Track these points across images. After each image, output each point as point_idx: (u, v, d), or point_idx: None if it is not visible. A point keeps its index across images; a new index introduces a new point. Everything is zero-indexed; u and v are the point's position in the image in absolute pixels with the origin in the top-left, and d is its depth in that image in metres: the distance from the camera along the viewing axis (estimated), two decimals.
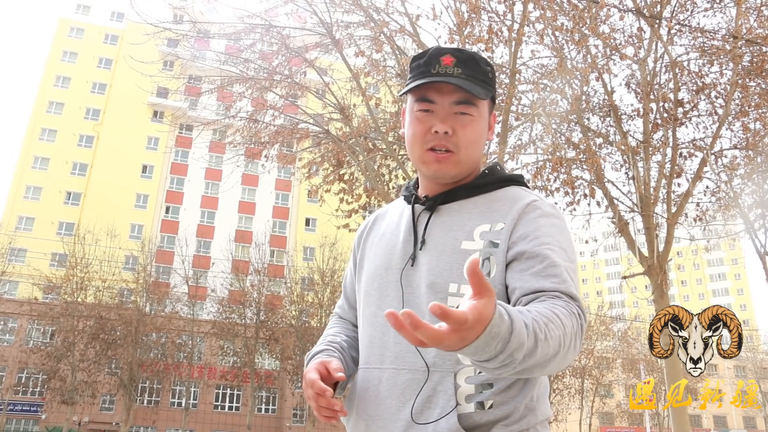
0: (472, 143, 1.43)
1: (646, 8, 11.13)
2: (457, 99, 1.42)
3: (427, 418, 1.30)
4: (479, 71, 1.43)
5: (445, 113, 1.42)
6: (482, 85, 1.42)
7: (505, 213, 1.40)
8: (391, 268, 1.46)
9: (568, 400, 38.40)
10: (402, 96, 1.49)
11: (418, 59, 1.44)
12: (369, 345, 1.45)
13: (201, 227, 51.49)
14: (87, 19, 55.30)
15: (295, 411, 41.75)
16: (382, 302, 1.44)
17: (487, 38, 10.34)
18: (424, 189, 1.52)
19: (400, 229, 1.50)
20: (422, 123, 1.43)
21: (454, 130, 1.41)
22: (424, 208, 1.48)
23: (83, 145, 51.12)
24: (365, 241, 1.60)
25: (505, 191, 1.46)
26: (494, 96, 1.49)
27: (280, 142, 12.80)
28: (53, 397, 31.31)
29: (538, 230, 1.35)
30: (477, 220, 1.42)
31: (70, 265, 33.59)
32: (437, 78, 1.39)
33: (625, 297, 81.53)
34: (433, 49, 1.43)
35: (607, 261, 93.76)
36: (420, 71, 1.42)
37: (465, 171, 1.46)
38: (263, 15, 12.16)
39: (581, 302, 1.29)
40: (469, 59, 1.42)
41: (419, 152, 1.44)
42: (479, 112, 1.44)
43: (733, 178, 12.71)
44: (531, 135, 12.08)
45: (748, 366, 49.46)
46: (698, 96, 11.80)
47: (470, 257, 1.36)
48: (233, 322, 34.20)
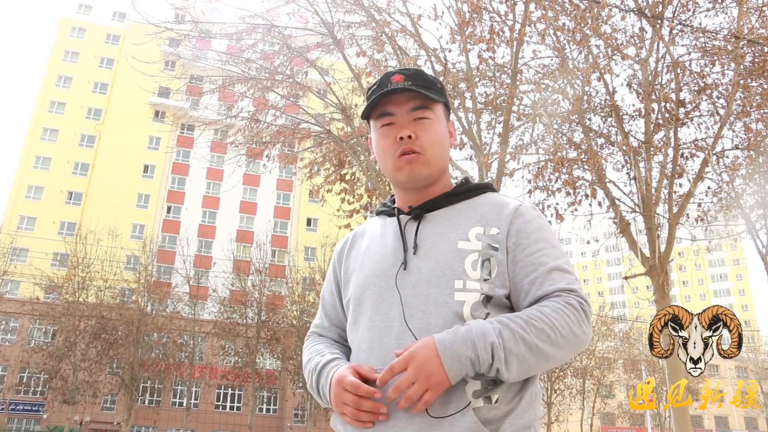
0: (435, 144, 1.55)
1: (648, 8, 11.12)
2: (412, 106, 1.55)
3: (439, 412, 1.35)
4: (427, 81, 1.57)
5: (405, 121, 1.54)
6: (432, 92, 1.56)
7: (496, 217, 1.51)
8: (384, 274, 1.51)
9: (570, 400, 38.39)
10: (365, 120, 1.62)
11: (372, 87, 1.58)
12: (369, 349, 1.46)
13: (202, 227, 51.51)
14: (89, 18, 55.33)
15: (296, 411, 41.75)
16: (379, 307, 1.48)
17: (489, 38, 10.33)
18: (403, 202, 1.61)
19: (386, 239, 1.57)
20: (387, 136, 1.55)
21: (416, 134, 1.53)
22: (410, 217, 1.56)
23: (85, 145, 51.16)
24: (347, 257, 1.66)
25: (486, 197, 1.58)
26: (448, 104, 1.64)
27: (282, 142, 12.81)
28: (55, 397, 31.34)
29: (528, 237, 1.48)
30: (468, 222, 1.51)
31: (71, 264, 33.61)
32: (390, 91, 1.53)
33: (627, 297, 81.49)
34: (384, 74, 1.58)
35: (608, 261, 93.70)
36: (374, 93, 1.56)
37: (435, 172, 1.57)
38: (265, 15, 12.16)
39: (579, 290, 1.45)
40: (416, 73, 1.56)
41: (391, 162, 1.55)
42: (436, 116, 1.57)
43: (735, 178, 12.69)
44: (532, 135, 12.08)
45: (749, 367, 49.42)
46: (700, 96, 11.78)
47: (468, 256, 1.45)
48: (234, 322, 34.21)
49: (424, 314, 1.42)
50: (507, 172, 10.70)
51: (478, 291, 1.43)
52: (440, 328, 1.38)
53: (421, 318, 1.42)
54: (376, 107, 1.56)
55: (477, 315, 1.41)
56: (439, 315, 1.41)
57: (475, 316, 1.40)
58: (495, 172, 10.75)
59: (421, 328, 1.41)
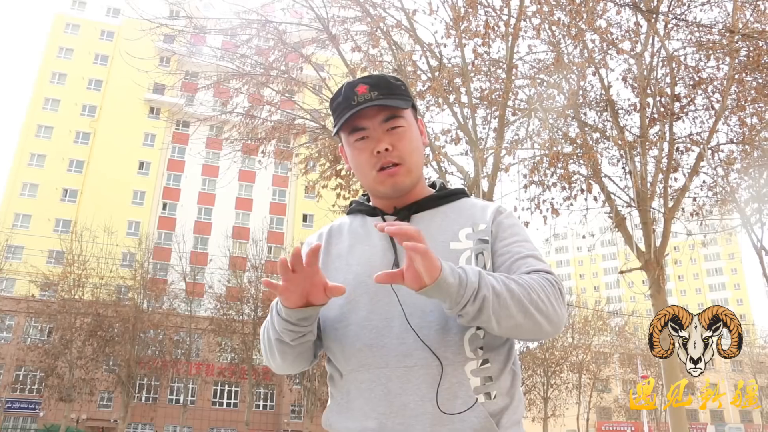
0: (413, 151, 1.56)
1: (643, 2, 11.13)
2: (384, 117, 1.54)
3: (452, 409, 1.38)
4: (392, 87, 1.55)
5: (379, 134, 1.53)
6: (400, 98, 1.55)
7: (482, 215, 1.57)
8: (376, 274, 1.49)
9: (566, 395, 38.52)
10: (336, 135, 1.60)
11: (335, 98, 1.57)
12: (363, 348, 1.46)
13: (198, 224, 51.45)
14: (83, 15, 55.14)
15: (293, 407, 41.78)
16: (375, 306, 1.48)
17: (484, 33, 10.33)
18: (384, 203, 1.61)
19: (371, 238, 1.57)
20: (363, 150, 1.55)
21: (393, 145, 1.53)
22: (396, 218, 1.57)
23: (80, 142, 51.03)
24: (325, 254, 1.62)
25: (467, 201, 1.63)
26: (414, 104, 1.63)
27: (277, 137, 12.78)
28: (51, 395, 31.30)
29: (506, 230, 1.55)
30: (456, 224, 1.55)
31: (67, 262, 33.53)
32: (361, 106, 1.51)
33: (623, 292, 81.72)
34: (346, 85, 1.56)
35: (604, 256, 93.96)
36: (342, 107, 1.54)
37: (416, 178, 1.58)
38: (259, 11, 12.13)
39: (553, 272, 1.48)
40: (380, 80, 1.55)
41: (371, 176, 1.55)
42: (408, 122, 1.57)
43: (730, 172, 12.72)
44: (528, 130, 12.07)
45: (744, 360, 49.62)
46: (695, 90, 11.79)
47: (462, 255, 1.49)
48: (231, 319, 34.19)
49: (423, 313, 1.44)
50: (503, 167, 10.70)
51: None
52: (441, 326, 1.42)
53: (420, 317, 1.43)
54: (346, 122, 1.54)
55: None
56: (440, 314, 1.43)
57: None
58: (491, 167, 10.76)
59: (422, 326, 1.42)
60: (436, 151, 10.64)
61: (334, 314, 1.54)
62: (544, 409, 37.06)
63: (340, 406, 1.49)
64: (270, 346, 1.55)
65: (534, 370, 36.91)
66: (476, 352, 1.44)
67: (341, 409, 1.49)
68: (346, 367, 1.49)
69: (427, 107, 11.48)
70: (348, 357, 1.49)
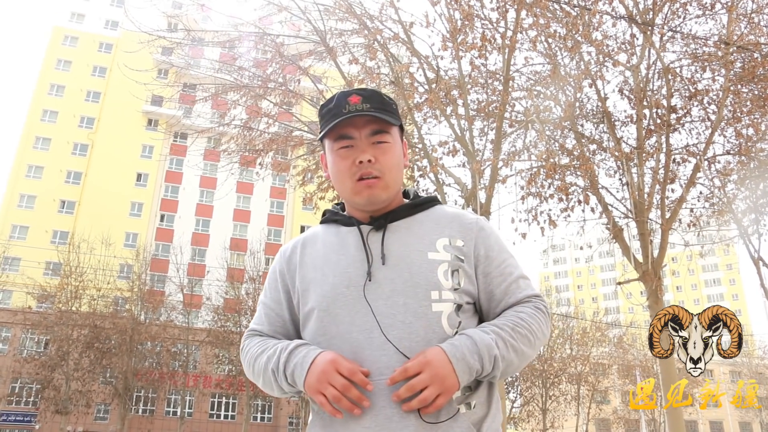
0: (394, 167, 1.58)
1: (639, 15, 11.19)
2: (372, 130, 1.56)
3: (435, 419, 1.40)
4: (384, 103, 1.58)
5: (364, 145, 1.55)
6: (389, 115, 1.57)
7: (459, 229, 1.59)
8: (352, 285, 1.51)
9: (564, 406, 38.34)
10: (321, 141, 1.63)
11: (327, 105, 1.58)
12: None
13: (196, 235, 51.35)
14: (81, 27, 55.23)
15: (290, 419, 41.57)
16: (354, 318, 1.48)
17: (481, 45, 10.37)
18: (360, 213, 1.62)
19: (347, 249, 1.57)
20: (346, 158, 1.56)
21: (376, 158, 1.55)
22: (371, 228, 1.57)
23: (77, 154, 50.99)
24: (301, 266, 1.62)
25: (439, 209, 1.65)
26: (402, 125, 1.65)
27: (275, 149, 12.80)
28: (47, 407, 31.05)
29: (493, 250, 1.60)
30: (432, 234, 1.57)
31: (64, 273, 33.40)
32: (351, 114, 1.53)
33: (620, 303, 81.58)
34: (339, 94, 1.58)
35: (601, 267, 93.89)
36: (332, 114, 1.56)
37: (392, 194, 1.60)
38: (257, 23, 12.18)
39: (540, 294, 1.60)
40: (374, 94, 1.57)
41: (350, 185, 1.56)
42: (393, 139, 1.60)
43: (727, 183, 12.74)
44: (525, 142, 12.12)
45: (743, 371, 49.49)
46: (691, 102, 11.84)
47: (439, 266, 1.51)
48: (228, 331, 34.05)
49: (403, 324, 1.44)
50: (500, 179, 10.72)
51: (452, 301, 1.49)
52: (421, 338, 1.44)
53: (401, 328, 1.44)
54: (333, 129, 1.56)
55: (452, 324, 1.47)
56: (420, 325, 1.45)
57: (451, 325, 1.47)
58: (488, 178, 10.77)
59: (402, 338, 1.43)
60: (434, 162, 10.66)
61: (314, 327, 1.54)
62: (542, 421, 36.87)
63: (324, 421, 1.48)
64: (263, 378, 1.54)
65: (532, 381, 36.76)
66: None
67: (325, 423, 1.48)
68: None
69: (425, 119, 11.52)
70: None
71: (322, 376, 1.39)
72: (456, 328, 1.48)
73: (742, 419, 56.66)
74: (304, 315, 1.58)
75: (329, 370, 1.38)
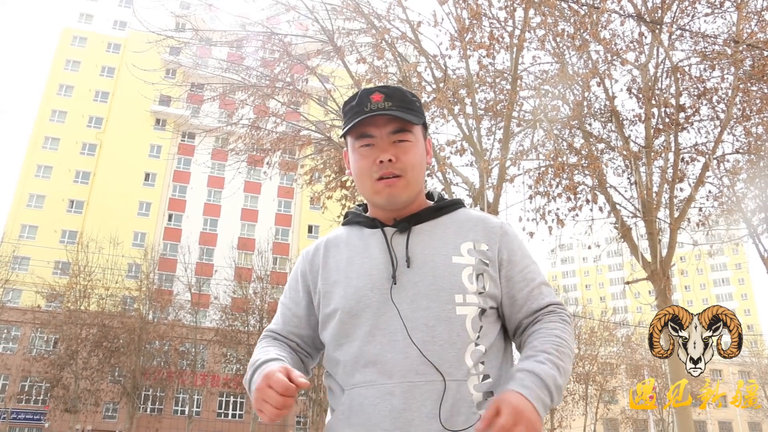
0: (415, 166, 1.56)
1: (647, 13, 11.15)
2: (393, 129, 1.54)
3: (454, 425, 1.38)
4: (407, 101, 1.56)
5: (385, 144, 1.54)
6: (412, 113, 1.56)
7: (483, 233, 1.58)
8: (378, 288, 1.50)
9: (572, 406, 38.26)
10: (342, 138, 1.61)
11: (349, 102, 1.59)
12: (367, 364, 1.45)
13: (204, 235, 51.48)
14: (90, 27, 55.47)
15: (298, 418, 41.64)
16: (379, 321, 1.47)
17: (489, 44, 10.35)
18: (383, 215, 1.60)
19: (371, 252, 1.55)
20: (366, 157, 1.55)
21: (396, 157, 1.53)
22: (396, 230, 1.56)
23: (86, 153, 51.22)
24: (324, 268, 1.61)
25: (463, 212, 1.63)
26: (425, 122, 1.63)
27: (282, 149, 12.81)
28: (56, 406, 31.24)
29: (516, 254, 1.58)
30: (456, 237, 1.55)
31: (73, 273, 33.56)
32: (372, 113, 1.51)
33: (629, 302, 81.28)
34: (362, 91, 1.56)
35: (610, 266, 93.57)
36: (354, 112, 1.55)
37: (414, 194, 1.58)
38: (265, 23, 12.19)
39: (562, 302, 1.59)
40: (396, 92, 1.56)
41: (370, 184, 1.55)
42: (415, 138, 1.58)
43: (736, 182, 12.69)
44: (533, 141, 12.09)
45: (752, 371, 49.25)
46: (700, 101, 11.79)
47: (464, 270, 1.50)
48: (236, 330, 34.12)
49: (427, 327, 1.44)
50: (507, 178, 10.71)
51: (476, 305, 1.48)
52: (445, 341, 1.43)
53: (424, 331, 1.43)
54: (355, 127, 1.55)
55: (475, 328, 1.46)
56: (444, 329, 1.44)
57: (475, 329, 1.46)
58: (496, 177, 10.76)
59: (426, 341, 1.42)
60: (441, 162, 10.65)
61: (335, 328, 1.53)
62: (550, 421, 36.81)
63: (341, 422, 1.47)
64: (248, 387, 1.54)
65: None
66: (477, 367, 1.45)
67: (343, 424, 1.47)
68: (349, 381, 1.48)
69: (432, 118, 11.51)
70: (350, 372, 1.48)
71: (258, 394, 1.39)
72: (478, 332, 1.47)
73: (752, 419, 56.39)
74: (324, 316, 1.57)
75: (263, 387, 1.38)
